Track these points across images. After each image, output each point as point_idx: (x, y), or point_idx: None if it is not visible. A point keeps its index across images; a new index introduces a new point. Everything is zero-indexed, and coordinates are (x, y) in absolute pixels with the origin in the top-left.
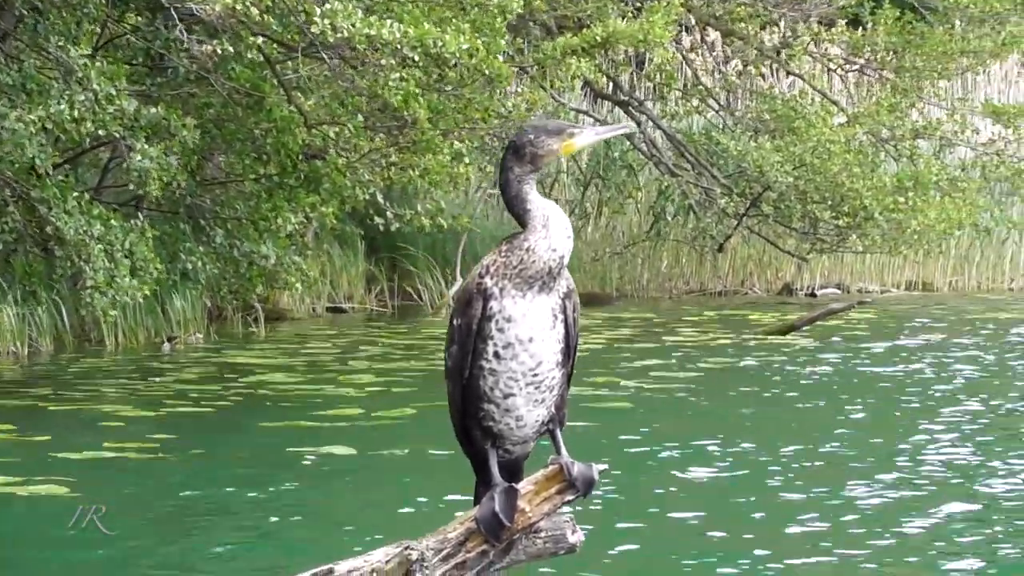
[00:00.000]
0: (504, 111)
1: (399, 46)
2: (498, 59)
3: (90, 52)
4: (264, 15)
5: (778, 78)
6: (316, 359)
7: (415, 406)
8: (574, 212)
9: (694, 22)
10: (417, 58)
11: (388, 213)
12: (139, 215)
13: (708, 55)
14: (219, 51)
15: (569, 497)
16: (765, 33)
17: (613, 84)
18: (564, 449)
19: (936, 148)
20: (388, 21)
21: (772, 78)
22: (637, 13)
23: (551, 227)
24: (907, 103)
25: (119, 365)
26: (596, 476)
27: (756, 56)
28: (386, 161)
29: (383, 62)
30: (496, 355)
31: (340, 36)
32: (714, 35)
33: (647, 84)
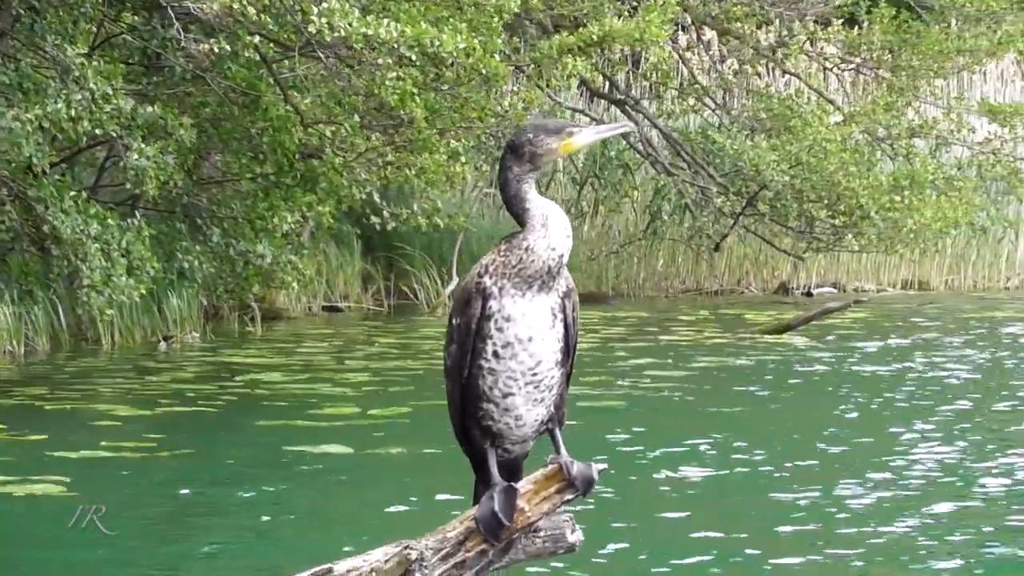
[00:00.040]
0: (500, 110)
1: (396, 45)
2: (495, 58)
3: (87, 51)
4: (261, 14)
5: (774, 77)
6: (312, 358)
7: (411, 405)
8: (570, 211)
9: (690, 21)
10: (414, 57)
11: (384, 212)
12: (135, 214)
13: (704, 54)
14: (215, 50)
15: (568, 496)
16: (761, 32)
17: (609, 83)
18: (563, 448)
19: (932, 147)
20: (385, 20)
21: (768, 77)
22: (633, 12)
23: (550, 226)
24: (903, 102)
25: (115, 364)
26: (595, 475)
27: (752, 55)
28: (382, 160)
29: (380, 61)
30: (495, 354)
31: (337, 35)
32: (710, 34)
33: (643, 83)
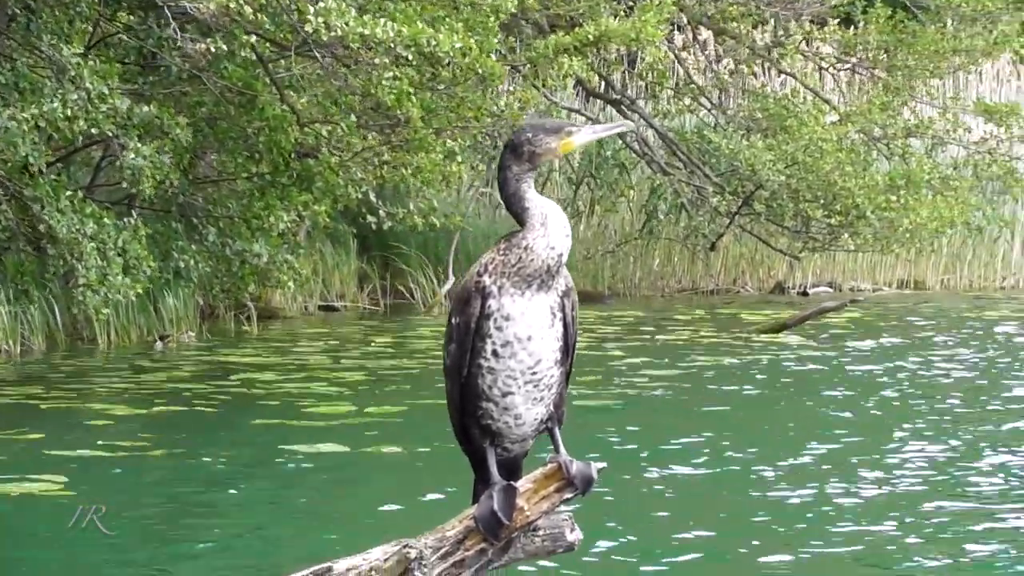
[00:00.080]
0: (496, 110)
1: (392, 45)
2: (491, 58)
3: (82, 51)
4: (257, 13)
5: (770, 77)
6: (308, 357)
7: (407, 404)
8: (566, 211)
9: (686, 21)
10: (411, 57)
11: (380, 212)
12: (132, 213)
13: (700, 54)
14: (212, 49)
15: (568, 495)
16: (757, 32)
17: (605, 83)
18: (563, 447)
19: (928, 147)
20: (381, 20)
21: (764, 77)
22: (629, 12)
23: (549, 225)
24: (899, 102)
25: (111, 363)
26: (595, 474)
27: (748, 55)
28: (379, 160)
29: (376, 61)
30: (495, 353)
31: (334, 35)
32: (706, 34)
33: (639, 83)
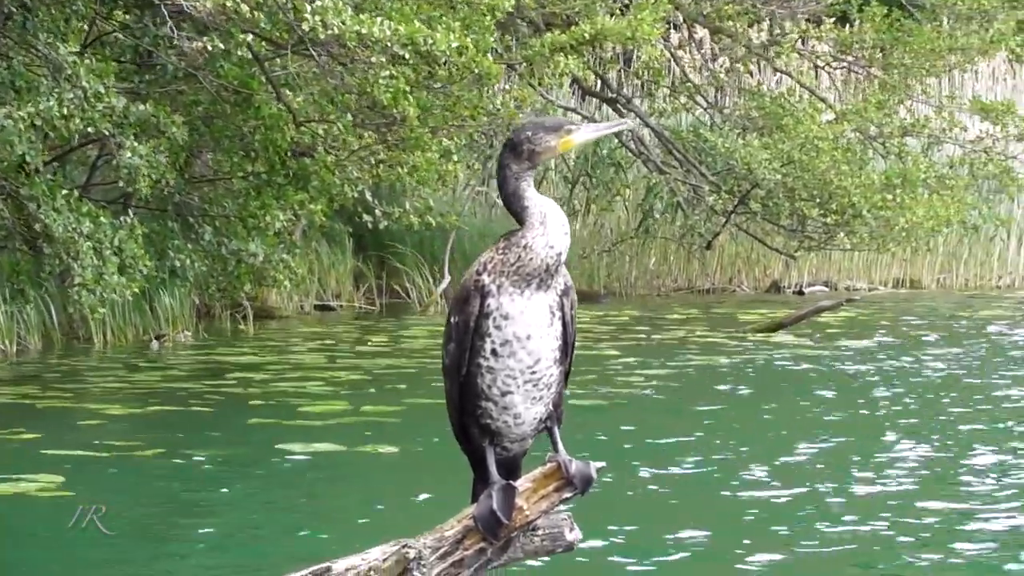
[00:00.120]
0: (492, 109)
1: (389, 44)
2: (487, 58)
3: (78, 49)
4: (254, 11)
5: (766, 75)
6: (304, 357)
7: (404, 403)
8: (562, 210)
9: (682, 19)
10: (407, 56)
11: (376, 211)
12: (128, 212)
13: (696, 52)
14: (209, 48)
15: (567, 495)
16: (753, 30)
17: (601, 81)
18: (562, 447)
19: (924, 145)
20: (378, 19)
21: (760, 75)
22: (625, 10)
23: (549, 224)
24: (895, 100)
25: (107, 363)
26: (594, 474)
27: (744, 53)
28: (375, 159)
29: (373, 60)
30: (494, 352)
31: (330, 33)
32: (702, 32)
33: (635, 81)
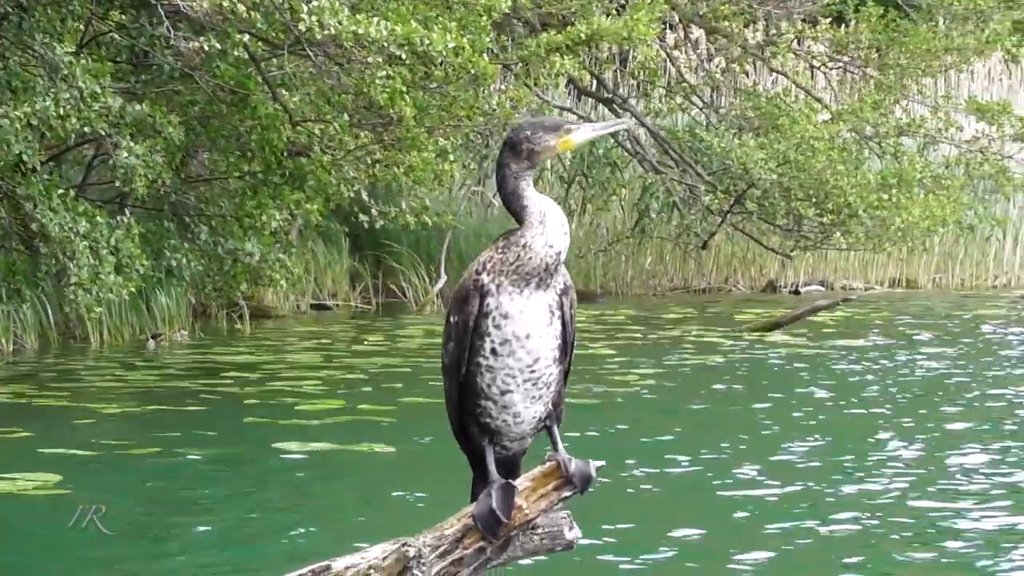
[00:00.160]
0: (488, 109)
1: (386, 44)
2: (483, 58)
3: (75, 49)
4: (251, 12)
5: (762, 75)
6: (300, 356)
7: (400, 403)
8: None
9: (678, 19)
10: (404, 56)
11: (373, 210)
12: (125, 212)
13: (692, 52)
14: (205, 48)
15: (566, 494)
16: (749, 31)
17: (597, 81)
18: (561, 445)
19: (920, 145)
20: (375, 19)
21: (756, 75)
22: (621, 10)
23: (548, 223)
24: (891, 100)
25: (104, 362)
26: (593, 473)
27: (740, 53)
28: (371, 158)
29: (370, 60)
30: (493, 352)
31: (327, 33)
32: (698, 32)
33: (631, 81)
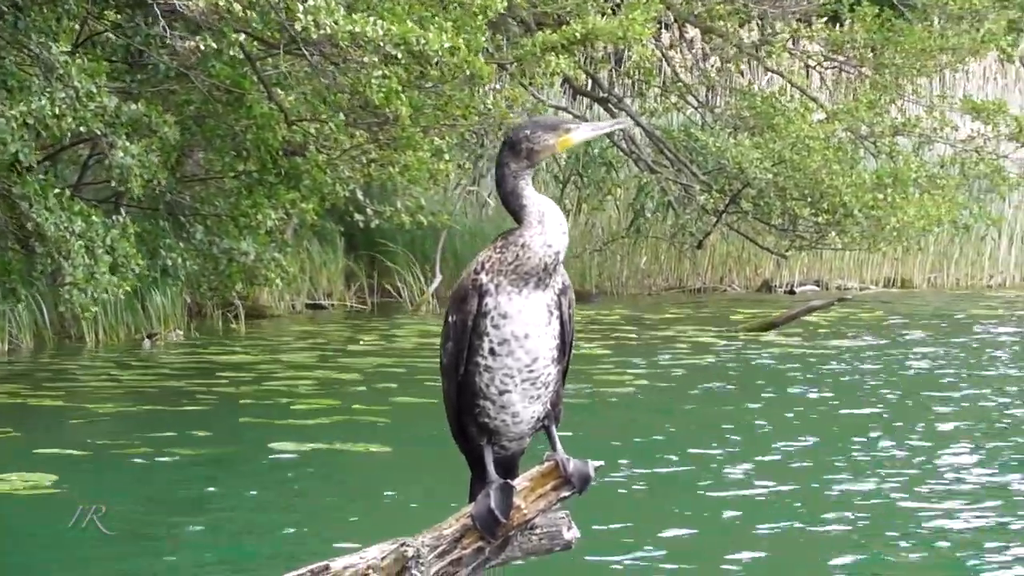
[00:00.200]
0: (484, 108)
1: (382, 43)
2: (479, 58)
3: (70, 49)
4: (247, 11)
5: (757, 75)
6: (296, 356)
7: (395, 402)
8: None
9: (673, 19)
10: (400, 56)
11: (368, 210)
12: (120, 212)
13: (687, 52)
14: (201, 47)
15: (565, 494)
16: (744, 30)
17: (592, 81)
18: (560, 445)
19: (915, 145)
20: (371, 18)
21: (751, 75)
22: (616, 10)
23: (547, 223)
24: (886, 100)
25: (99, 362)
26: (592, 472)
27: (735, 53)
28: (366, 158)
29: (365, 59)
30: (492, 352)
31: (323, 33)
32: (693, 32)
33: (626, 81)
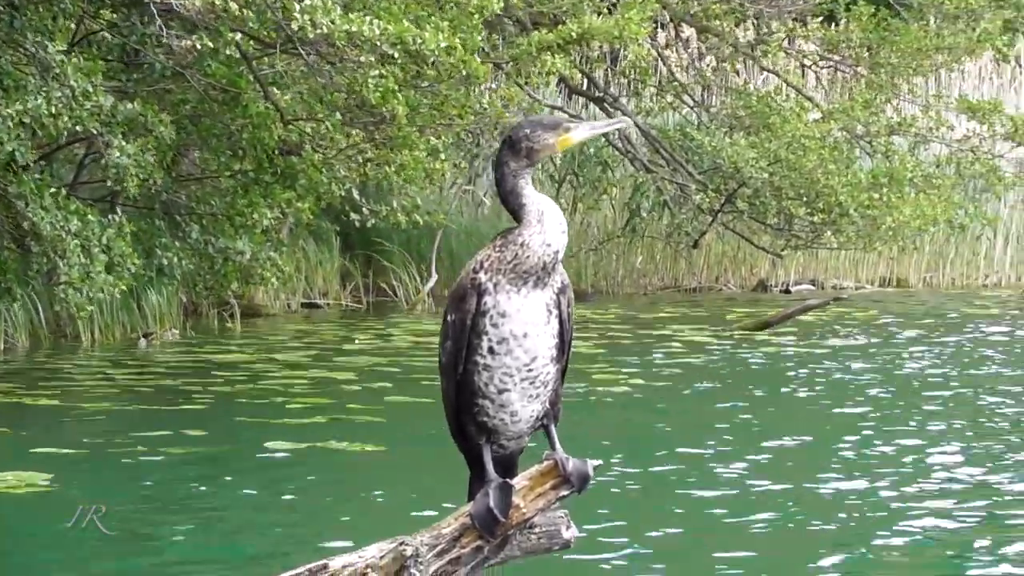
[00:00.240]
0: (480, 108)
1: (378, 43)
2: (475, 58)
3: (66, 48)
4: (243, 10)
5: (753, 74)
6: (291, 355)
7: (390, 401)
8: None
9: (669, 18)
10: (396, 55)
11: (364, 209)
12: (116, 211)
13: (683, 51)
14: (197, 46)
15: (564, 493)
16: (740, 30)
17: (588, 80)
18: (559, 444)
19: (911, 144)
20: (367, 18)
21: (747, 74)
22: (612, 9)
23: (546, 222)
24: (882, 99)
25: (95, 361)
26: (591, 472)
27: (731, 52)
28: (362, 157)
29: (362, 59)
30: (490, 351)
31: (319, 32)
32: (689, 31)
33: (622, 80)
